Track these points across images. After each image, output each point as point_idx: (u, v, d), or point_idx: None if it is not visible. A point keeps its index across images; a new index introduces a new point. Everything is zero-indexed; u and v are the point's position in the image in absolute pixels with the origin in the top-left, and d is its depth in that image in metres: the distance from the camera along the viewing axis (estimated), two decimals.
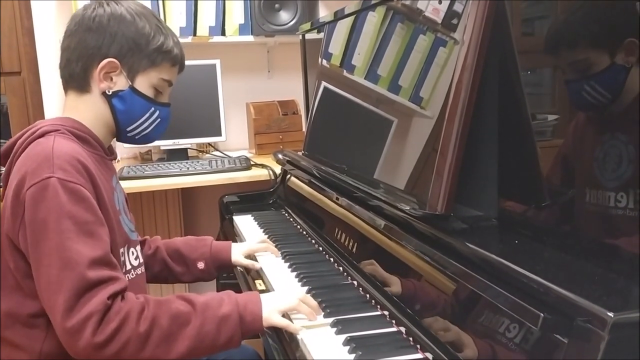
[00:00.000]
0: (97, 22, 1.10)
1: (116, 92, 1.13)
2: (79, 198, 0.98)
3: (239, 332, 1.01)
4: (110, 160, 1.19)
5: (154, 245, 1.41)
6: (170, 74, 1.18)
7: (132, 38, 1.11)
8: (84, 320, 0.92)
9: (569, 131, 0.89)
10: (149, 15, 1.15)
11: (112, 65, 1.11)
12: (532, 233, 0.92)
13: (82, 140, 1.09)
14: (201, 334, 0.98)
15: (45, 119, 1.13)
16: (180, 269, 1.41)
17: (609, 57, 0.79)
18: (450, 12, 1.09)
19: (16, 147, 1.07)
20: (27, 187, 0.97)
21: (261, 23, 2.58)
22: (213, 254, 1.42)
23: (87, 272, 0.93)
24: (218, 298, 1.03)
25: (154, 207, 2.67)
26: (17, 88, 2.62)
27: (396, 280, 1.07)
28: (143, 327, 0.95)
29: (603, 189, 0.80)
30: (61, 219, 0.95)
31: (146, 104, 1.16)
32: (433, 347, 0.89)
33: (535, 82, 0.98)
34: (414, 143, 1.16)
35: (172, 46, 1.16)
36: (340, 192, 1.41)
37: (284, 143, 2.60)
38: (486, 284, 0.81)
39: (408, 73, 1.24)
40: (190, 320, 0.99)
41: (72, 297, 0.92)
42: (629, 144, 0.76)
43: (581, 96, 0.85)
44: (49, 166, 0.98)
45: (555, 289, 0.69)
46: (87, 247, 0.96)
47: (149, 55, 1.13)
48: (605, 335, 0.61)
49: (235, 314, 1.01)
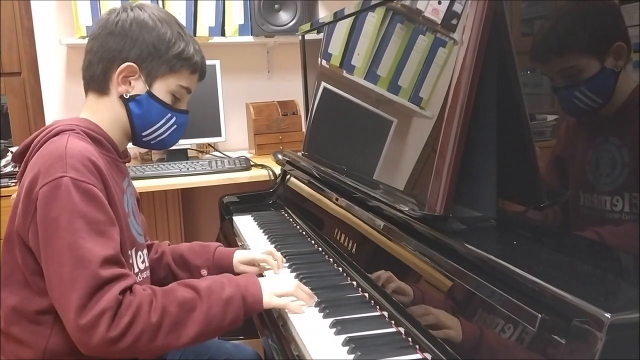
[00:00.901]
0: (119, 26, 1.12)
1: (133, 96, 1.14)
2: (91, 197, 0.99)
3: (242, 312, 1.05)
4: (123, 163, 1.20)
5: (160, 249, 1.41)
6: (189, 81, 1.19)
7: (152, 43, 1.12)
8: (98, 317, 0.93)
9: (566, 132, 0.90)
10: (172, 21, 1.16)
11: (131, 70, 1.12)
12: (531, 234, 0.92)
13: (96, 141, 1.10)
14: (208, 317, 1.01)
15: (62, 119, 1.14)
16: (184, 275, 1.39)
17: (598, 62, 0.79)
18: (450, 12, 1.09)
19: (32, 145, 1.08)
20: (40, 186, 0.98)
21: (261, 23, 2.58)
22: (215, 261, 1.40)
23: (99, 271, 0.95)
24: (219, 281, 1.07)
25: (154, 207, 2.67)
26: (17, 88, 2.63)
27: (395, 280, 1.07)
28: (154, 318, 0.97)
29: (598, 191, 0.80)
30: (73, 217, 0.96)
31: (163, 110, 1.16)
32: (432, 348, 0.89)
33: (533, 83, 0.98)
34: (413, 143, 1.16)
35: (192, 53, 1.17)
36: (340, 192, 1.41)
37: (284, 143, 2.60)
38: (484, 284, 0.81)
39: (407, 73, 1.24)
40: (196, 305, 1.01)
41: (85, 295, 0.93)
42: (622, 147, 0.76)
43: (572, 103, 0.85)
44: (62, 165, 0.99)
45: (552, 289, 0.69)
46: (99, 245, 0.97)
47: (169, 61, 1.14)
48: (602, 336, 0.61)
49: (238, 295, 1.05)
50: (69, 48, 2.62)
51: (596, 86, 0.80)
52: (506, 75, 0.95)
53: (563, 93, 0.88)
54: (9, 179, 2.25)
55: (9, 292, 1.06)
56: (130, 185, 1.21)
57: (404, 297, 1.03)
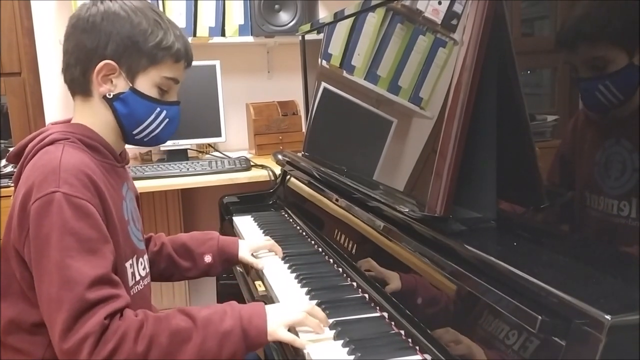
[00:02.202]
0: (91, 22, 1.05)
1: (117, 94, 1.08)
2: (83, 214, 0.96)
3: (243, 347, 0.97)
4: (122, 167, 1.16)
5: (159, 242, 1.40)
6: (174, 71, 1.11)
7: (127, 36, 1.05)
8: (81, 342, 0.90)
9: (574, 132, 0.88)
10: (147, 9, 1.08)
11: (110, 67, 1.06)
12: (531, 235, 0.92)
13: (92, 148, 1.07)
14: (202, 351, 0.95)
15: (56, 124, 1.11)
16: (186, 264, 1.40)
17: (627, 55, 0.75)
18: (450, 12, 1.08)
19: (26, 151, 1.05)
20: (33, 201, 0.95)
21: (261, 24, 2.58)
22: (220, 247, 1.41)
23: (86, 293, 0.91)
24: (221, 311, 0.99)
25: (154, 208, 2.67)
26: (17, 89, 2.62)
27: (396, 281, 1.07)
28: (141, 347, 0.92)
29: (602, 193, 0.80)
30: (64, 235, 0.93)
31: (150, 105, 1.10)
32: (432, 349, 0.89)
33: (533, 83, 0.98)
34: (413, 144, 1.16)
35: (172, 41, 1.09)
36: (340, 193, 1.41)
37: (284, 144, 2.60)
38: (484, 286, 0.81)
39: (408, 74, 1.24)
40: (191, 336, 0.95)
41: (69, 318, 0.90)
42: (634, 151, 0.75)
43: (593, 96, 0.81)
44: (55, 180, 0.96)
45: (553, 291, 0.69)
46: (88, 265, 0.93)
47: (148, 53, 1.07)
48: (603, 337, 0.61)
49: (238, 329, 0.97)
50: None
51: (620, 81, 0.76)
52: (506, 76, 0.95)
53: (585, 84, 0.83)
54: (9, 179, 2.25)
55: (7, 304, 1.04)
56: (129, 189, 1.18)
57: (403, 297, 1.03)
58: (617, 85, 0.77)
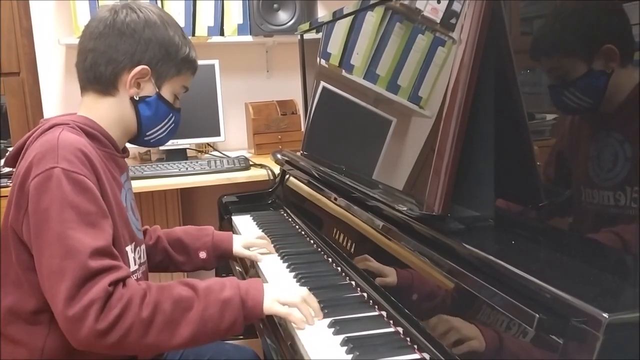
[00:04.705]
0: (131, 28, 1.11)
1: (143, 97, 1.15)
2: (82, 189, 0.98)
3: (242, 316, 1.01)
4: (122, 158, 1.19)
5: (154, 235, 1.43)
6: (189, 81, 1.23)
7: (164, 46, 1.14)
8: (86, 308, 0.91)
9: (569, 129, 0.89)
10: (176, 25, 1.19)
11: (143, 72, 1.12)
12: (529, 233, 0.92)
13: (91, 136, 1.09)
14: (204, 318, 0.98)
15: (57, 116, 1.14)
16: (181, 259, 1.43)
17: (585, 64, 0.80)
18: (449, 11, 1.08)
19: (27, 144, 1.07)
20: (32, 178, 0.98)
21: (260, 23, 2.58)
22: (215, 243, 1.44)
23: (88, 261, 0.93)
24: (220, 282, 1.03)
25: (153, 207, 2.68)
26: (16, 89, 2.62)
27: (394, 280, 1.07)
28: (146, 313, 0.95)
29: (599, 188, 0.80)
30: (64, 208, 0.95)
31: (168, 110, 1.19)
32: (430, 348, 0.89)
33: (531, 82, 0.98)
34: (412, 143, 1.16)
35: (194, 56, 1.21)
36: (339, 192, 1.41)
37: (283, 143, 2.60)
38: (482, 284, 0.81)
39: (407, 73, 1.24)
40: (193, 304, 0.98)
41: (73, 286, 0.92)
42: (624, 142, 0.76)
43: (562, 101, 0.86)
44: (54, 157, 0.98)
45: (550, 289, 0.69)
46: (89, 236, 0.96)
47: (177, 64, 1.16)
48: (600, 335, 0.61)
49: (237, 297, 1.01)
50: (68, 48, 2.62)
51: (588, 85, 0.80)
52: (504, 75, 0.95)
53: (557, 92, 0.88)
54: (9, 180, 2.25)
55: (5, 292, 1.06)
56: (128, 180, 1.21)
57: (402, 296, 1.03)
58: (579, 91, 0.82)
